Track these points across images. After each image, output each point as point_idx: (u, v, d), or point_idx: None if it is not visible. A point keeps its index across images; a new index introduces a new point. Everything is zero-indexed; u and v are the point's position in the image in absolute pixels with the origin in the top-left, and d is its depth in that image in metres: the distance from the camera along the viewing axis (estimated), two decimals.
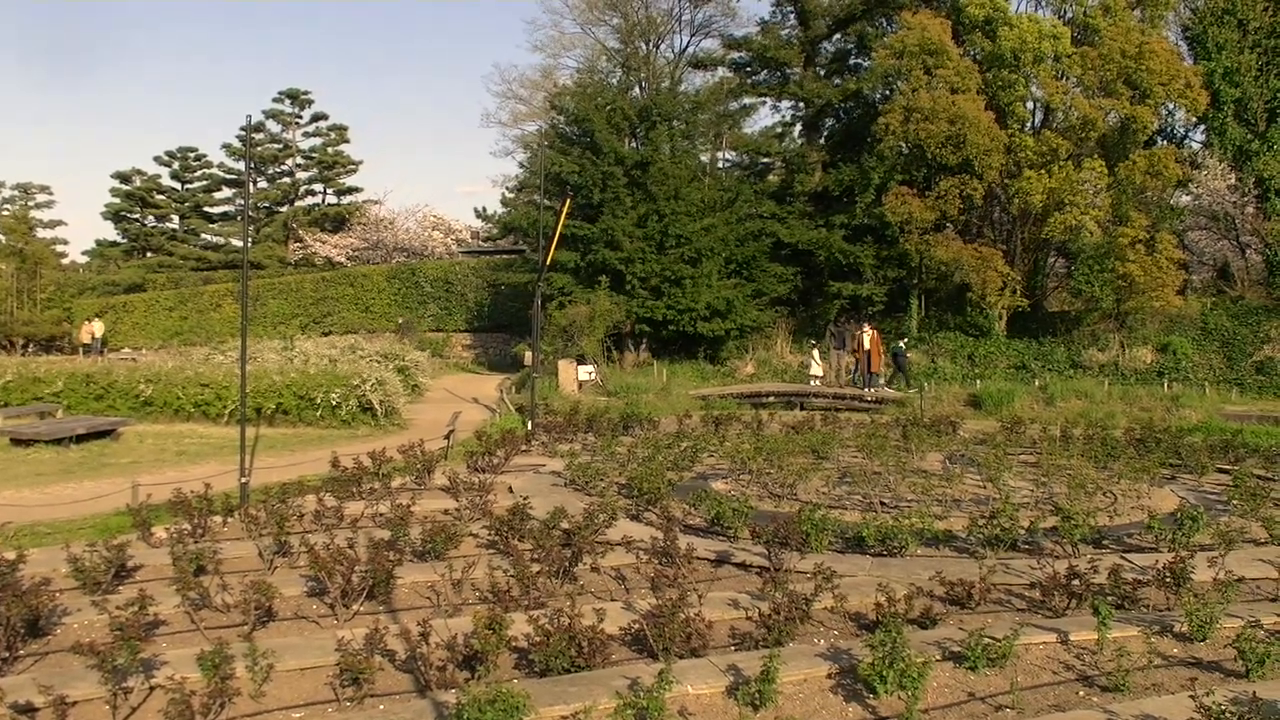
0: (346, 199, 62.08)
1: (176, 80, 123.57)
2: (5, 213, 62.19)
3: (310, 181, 62.22)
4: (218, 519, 10.82)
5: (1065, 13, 31.85)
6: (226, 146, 60.99)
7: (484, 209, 56.03)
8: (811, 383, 28.86)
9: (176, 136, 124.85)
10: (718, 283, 31.51)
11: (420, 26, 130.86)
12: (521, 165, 50.53)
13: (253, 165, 57.05)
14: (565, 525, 9.69)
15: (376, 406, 20.81)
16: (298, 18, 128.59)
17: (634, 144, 33.61)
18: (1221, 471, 15.46)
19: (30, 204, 64.84)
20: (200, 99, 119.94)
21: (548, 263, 22.14)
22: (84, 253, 69.55)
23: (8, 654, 6.89)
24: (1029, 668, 6.88)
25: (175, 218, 64.73)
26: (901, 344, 28.56)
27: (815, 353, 29.74)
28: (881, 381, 27.92)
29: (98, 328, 42.73)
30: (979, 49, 30.71)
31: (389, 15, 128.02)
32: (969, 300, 31.49)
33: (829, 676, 6.61)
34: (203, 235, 64.04)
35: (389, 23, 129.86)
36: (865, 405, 25.72)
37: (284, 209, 61.21)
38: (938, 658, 6.77)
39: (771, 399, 27.00)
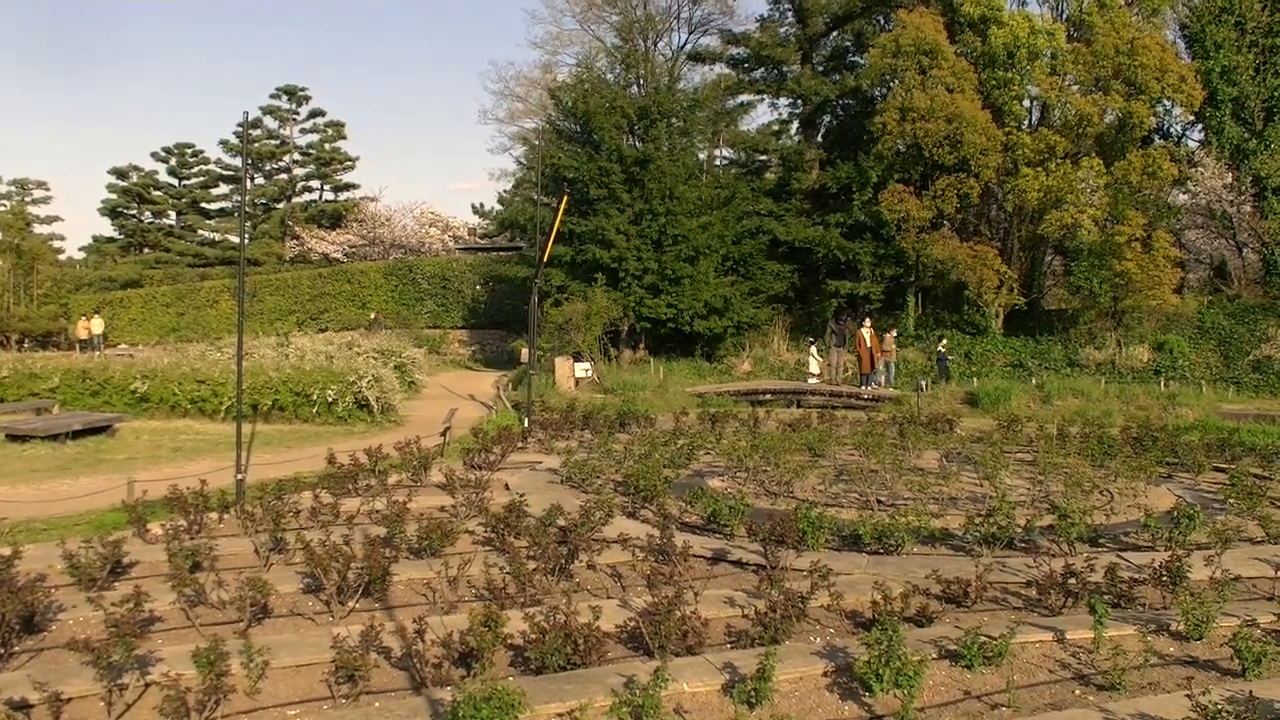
0: (343, 195, 62.12)
1: (175, 78, 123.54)
2: (2, 208, 62.07)
3: (307, 178, 62.24)
4: (213, 515, 10.80)
5: (1061, 10, 31.86)
6: (224, 143, 61.08)
7: (481, 205, 56.18)
8: (810, 380, 28.84)
9: (174, 134, 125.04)
10: (715, 280, 31.49)
11: (417, 24, 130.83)
12: (519, 162, 50.54)
13: (250, 162, 57.09)
14: (561, 522, 9.68)
15: (373, 403, 20.80)
16: (296, 16, 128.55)
17: (632, 141, 33.58)
18: (1218, 470, 15.47)
19: (27, 200, 64.72)
20: (198, 97, 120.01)
21: (545, 260, 22.10)
22: (81, 249, 69.62)
23: (3, 650, 6.88)
24: (1025, 666, 6.88)
25: (172, 214, 64.71)
26: (941, 347, 28.61)
27: (814, 350, 29.71)
28: (880, 379, 27.91)
29: (96, 324, 42.76)
30: (973, 48, 30.70)
31: (386, 13, 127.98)
32: (966, 298, 31.50)
33: (825, 675, 6.60)
34: (200, 232, 64.03)
35: (386, 20, 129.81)
36: (862, 403, 25.72)
37: (281, 205, 61.22)
38: (934, 656, 6.76)
39: (768, 397, 26.97)
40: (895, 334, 29.33)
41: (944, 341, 29.09)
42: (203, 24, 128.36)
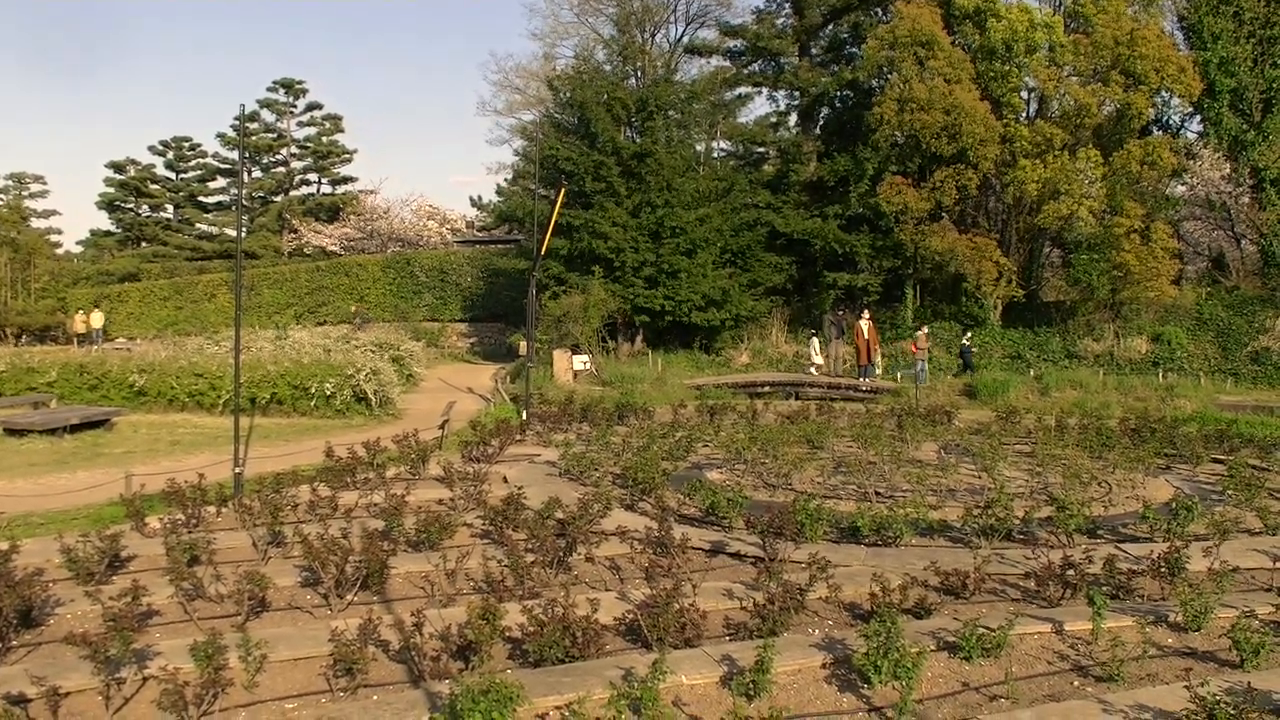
0: (341, 189, 62.04)
1: (172, 73, 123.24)
2: None
3: (305, 171, 62.14)
4: (211, 509, 10.79)
5: (1058, 1, 31.79)
6: (221, 136, 60.97)
7: (479, 198, 56.10)
8: (811, 371, 28.81)
9: (172, 127, 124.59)
10: (713, 273, 31.44)
11: (414, 15, 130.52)
12: (517, 153, 50.50)
13: (247, 155, 56.96)
14: (560, 515, 9.69)
15: (371, 396, 20.79)
16: (294, 10, 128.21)
17: (630, 134, 33.52)
18: (1216, 461, 15.46)
19: (24, 194, 64.62)
20: (195, 92, 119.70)
21: (542, 252, 22.08)
22: (78, 243, 69.53)
23: (0, 645, 6.87)
24: (1023, 658, 6.88)
25: (170, 207, 64.60)
26: (965, 340, 28.66)
27: (815, 342, 29.66)
28: (878, 372, 27.91)
29: (96, 318, 42.79)
30: (971, 40, 30.64)
31: (384, 6, 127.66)
32: (964, 290, 31.46)
33: (823, 667, 6.60)
34: (197, 225, 63.96)
35: (384, 12, 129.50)
36: (860, 395, 25.72)
37: (279, 199, 61.11)
38: (932, 648, 6.76)
39: (767, 389, 26.98)
40: (926, 330, 29.09)
41: (969, 335, 29.14)
42: (200, 19, 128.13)
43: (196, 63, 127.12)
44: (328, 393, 20.46)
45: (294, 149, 61.62)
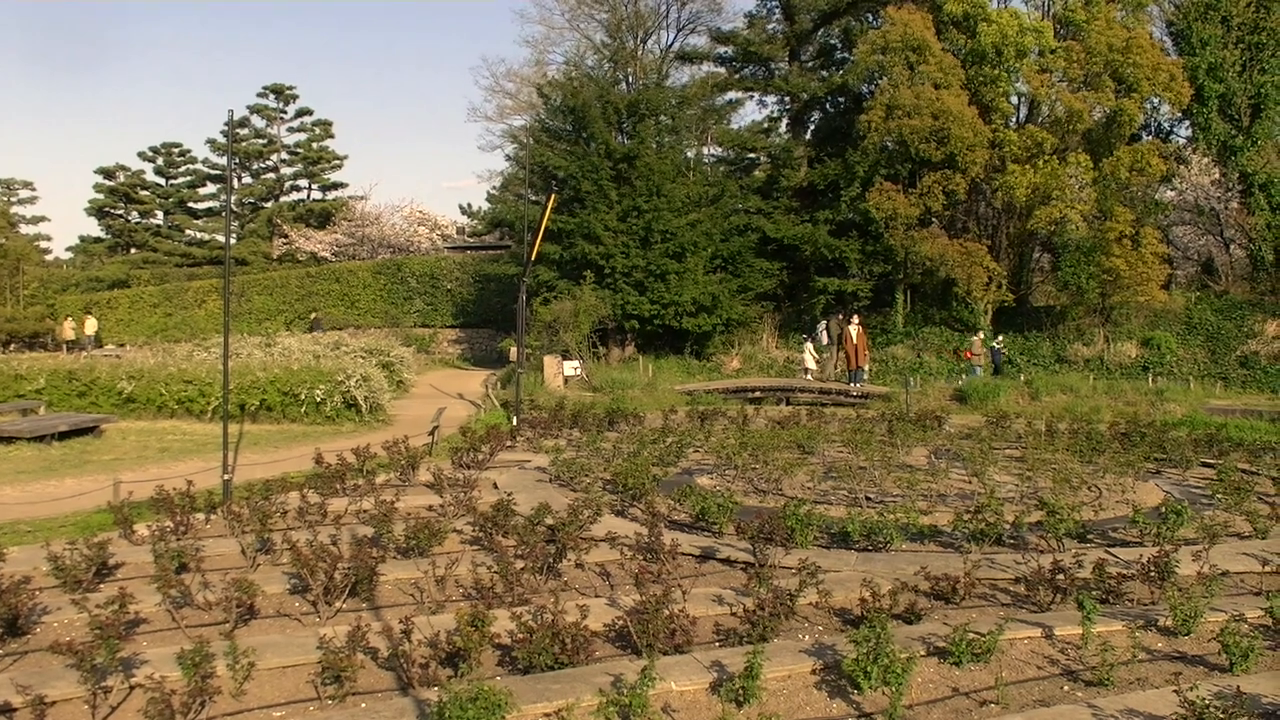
0: (331, 195, 61.92)
1: (162, 76, 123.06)
2: None
3: (295, 177, 62.02)
4: (200, 516, 10.74)
5: (1048, 7, 31.94)
6: (210, 142, 60.90)
7: (470, 205, 56.13)
8: (807, 376, 28.83)
9: (162, 132, 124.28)
10: (704, 278, 31.47)
11: (406, 21, 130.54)
12: (509, 157, 50.51)
13: (237, 161, 56.86)
14: (549, 521, 9.65)
15: (361, 403, 20.74)
16: (284, 12, 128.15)
17: (621, 138, 33.55)
18: (1206, 466, 15.52)
19: (12, 200, 64.37)
20: (186, 95, 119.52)
21: (533, 258, 22.06)
22: (68, 249, 69.35)
23: None
24: (1013, 663, 6.87)
25: (159, 214, 64.45)
26: (996, 343, 28.74)
27: (810, 346, 29.69)
28: (865, 376, 27.94)
29: (90, 325, 42.70)
30: (960, 45, 30.75)
31: (375, 10, 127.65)
32: (955, 295, 31.55)
33: (813, 673, 6.59)
34: (187, 231, 63.78)
35: (375, 17, 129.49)
36: (851, 400, 25.74)
37: (269, 205, 60.98)
38: (922, 653, 6.75)
39: (758, 394, 26.99)
40: (981, 336, 29.10)
41: (1000, 338, 29.27)
42: (192, 22, 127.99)
43: (187, 67, 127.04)
44: (317, 399, 20.41)
45: (284, 155, 61.52)
